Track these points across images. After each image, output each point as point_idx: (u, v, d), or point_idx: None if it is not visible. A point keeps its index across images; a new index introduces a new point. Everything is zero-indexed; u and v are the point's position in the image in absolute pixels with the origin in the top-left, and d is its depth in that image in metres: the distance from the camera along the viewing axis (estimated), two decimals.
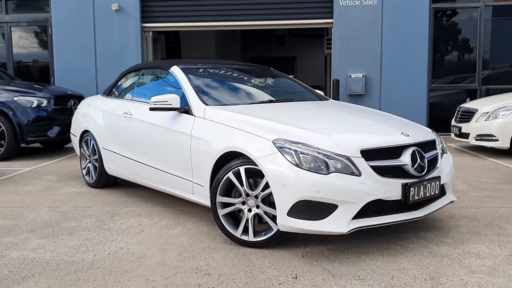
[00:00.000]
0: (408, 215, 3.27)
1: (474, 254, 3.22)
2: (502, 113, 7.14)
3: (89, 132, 5.34)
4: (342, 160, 3.08)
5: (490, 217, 4.08)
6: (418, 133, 3.62)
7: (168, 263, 3.12)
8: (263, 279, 2.85)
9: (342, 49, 10.19)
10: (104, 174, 5.17)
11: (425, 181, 3.29)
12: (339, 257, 3.18)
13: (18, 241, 3.59)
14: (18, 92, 7.39)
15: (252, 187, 3.33)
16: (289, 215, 3.06)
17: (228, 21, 10.55)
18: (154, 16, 10.53)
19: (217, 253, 3.28)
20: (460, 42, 10.63)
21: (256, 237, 3.33)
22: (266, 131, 3.32)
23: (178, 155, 3.94)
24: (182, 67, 4.45)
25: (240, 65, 5.13)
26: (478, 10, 10.29)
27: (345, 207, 3.02)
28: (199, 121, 3.81)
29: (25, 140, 7.33)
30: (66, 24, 10.41)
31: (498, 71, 10.63)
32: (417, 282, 2.78)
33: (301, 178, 3.02)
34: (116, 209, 4.46)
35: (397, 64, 10.02)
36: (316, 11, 10.37)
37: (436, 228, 3.79)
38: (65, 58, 10.48)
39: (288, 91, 4.91)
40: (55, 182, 5.71)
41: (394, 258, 3.17)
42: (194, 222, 4.03)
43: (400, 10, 9.95)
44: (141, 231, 3.80)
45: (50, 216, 4.24)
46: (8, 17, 10.91)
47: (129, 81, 5.26)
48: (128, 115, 4.67)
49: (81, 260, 3.19)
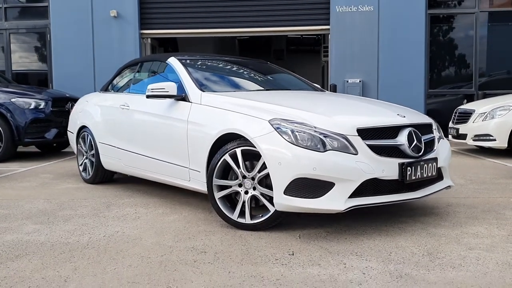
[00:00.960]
0: (405, 196, 3.25)
1: (472, 234, 3.20)
2: (499, 113, 7.16)
3: (86, 128, 5.33)
4: (338, 138, 3.08)
5: (488, 205, 4.06)
6: (414, 115, 3.63)
7: (164, 243, 3.09)
8: (260, 256, 2.82)
9: (339, 55, 10.25)
10: (100, 169, 5.15)
11: (422, 162, 3.28)
12: (337, 238, 3.16)
13: (13, 226, 3.56)
14: (16, 94, 7.40)
15: (248, 169, 3.31)
16: (286, 193, 3.04)
17: (226, 27, 10.64)
18: (152, 23, 10.61)
19: (213, 235, 3.26)
20: (456, 48, 10.71)
21: (253, 219, 3.30)
22: (263, 112, 3.32)
23: (174, 142, 3.93)
24: (179, 58, 4.47)
25: (237, 58, 5.15)
26: (473, 16, 10.39)
27: (342, 185, 3.00)
28: (196, 106, 3.82)
29: (22, 141, 7.31)
30: (64, 31, 10.48)
31: (494, 78, 10.69)
32: (415, 257, 2.75)
33: (297, 156, 3.01)
34: (112, 201, 4.44)
35: (394, 69, 10.08)
36: (313, 17, 10.47)
37: (433, 214, 3.77)
38: (63, 64, 10.53)
39: (286, 82, 4.93)
40: (52, 179, 5.69)
41: (392, 238, 3.14)
42: (191, 210, 4.00)
43: (397, 16, 10.05)
44: (137, 218, 3.77)
45: (45, 206, 4.22)
46: (7, 24, 10.98)
47: (127, 75, 5.28)
48: (125, 106, 4.68)
49: (76, 242, 3.15)
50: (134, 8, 10.37)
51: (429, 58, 10.37)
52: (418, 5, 10.06)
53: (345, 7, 10.13)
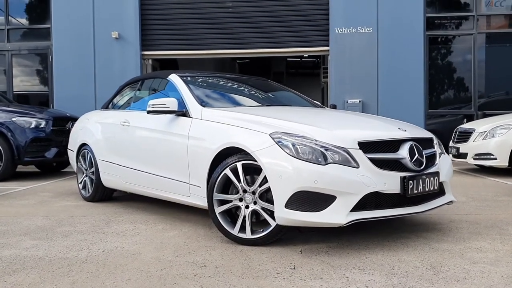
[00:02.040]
0: (407, 210, 3.22)
1: (476, 249, 3.16)
2: (499, 132, 7.16)
3: (87, 145, 5.32)
4: (339, 151, 3.06)
5: (491, 221, 4.02)
6: (415, 130, 3.63)
7: (164, 258, 3.05)
8: (261, 270, 2.78)
9: (338, 75, 10.32)
10: (100, 186, 5.12)
11: (424, 175, 3.26)
12: (339, 252, 3.12)
13: (11, 242, 3.52)
14: (17, 113, 7.41)
15: (249, 183, 3.29)
16: (287, 207, 3.01)
17: (227, 49, 10.73)
18: (153, 44, 10.71)
19: (214, 250, 3.22)
20: (455, 70, 10.80)
21: (254, 234, 3.27)
22: (263, 125, 3.31)
23: (175, 158, 3.91)
24: (180, 75, 4.48)
25: (237, 75, 5.18)
26: (471, 38, 10.49)
27: (343, 198, 2.98)
28: (196, 121, 3.81)
29: (22, 160, 7.29)
30: (66, 52, 10.57)
31: (493, 99, 10.74)
32: (419, 271, 2.71)
33: (298, 169, 2.99)
34: (112, 217, 4.40)
35: (393, 89, 10.14)
36: (312, 39, 10.57)
37: (436, 229, 3.74)
38: (64, 85, 10.59)
39: (286, 99, 4.93)
40: (51, 197, 5.65)
41: (394, 252, 3.10)
42: (191, 226, 3.96)
43: (395, 37, 10.15)
44: (137, 234, 3.73)
45: (44, 223, 4.18)
46: (10, 45, 11.08)
47: (128, 93, 5.30)
48: (126, 123, 4.68)
49: (74, 257, 3.11)
50: (136, 30, 10.48)
51: (428, 78, 10.44)
52: (417, 27, 10.17)
53: (344, 28, 10.24)
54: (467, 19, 10.62)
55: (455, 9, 10.74)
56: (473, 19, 10.51)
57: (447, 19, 10.69)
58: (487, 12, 10.60)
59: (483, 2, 10.57)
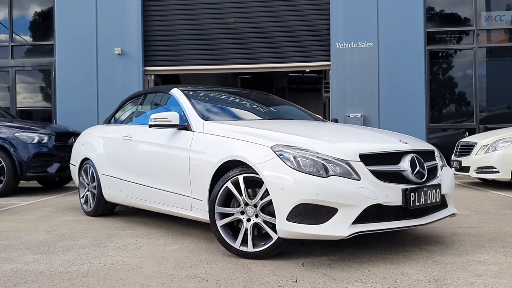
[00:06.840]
0: (409, 222, 3.21)
1: (479, 262, 3.14)
2: (501, 145, 7.16)
3: (89, 160, 5.34)
4: (341, 164, 3.07)
5: (494, 234, 4.00)
6: (416, 142, 3.63)
7: (165, 272, 3.04)
8: (262, 283, 2.76)
9: (340, 90, 10.36)
10: (102, 201, 5.12)
11: (426, 188, 3.26)
12: (341, 265, 3.10)
13: (12, 256, 3.51)
14: (20, 128, 7.44)
15: (250, 196, 3.29)
16: (289, 219, 3.01)
17: (228, 64, 10.80)
18: (156, 60, 10.79)
19: (215, 264, 3.20)
20: (456, 84, 10.83)
21: (255, 247, 3.25)
22: (264, 138, 3.32)
23: (176, 171, 3.92)
24: (182, 89, 4.51)
25: (239, 89, 5.21)
26: (472, 52, 10.54)
27: (345, 210, 2.97)
28: (198, 135, 3.83)
29: (25, 176, 7.30)
30: (69, 68, 10.65)
31: (495, 113, 10.75)
32: (421, 284, 2.69)
33: (300, 181, 2.99)
34: (113, 232, 4.39)
35: (394, 103, 10.16)
36: (314, 54, 10.64)
37: (439, 242, 3.72)
38: (67, 101, 10.65)
39: (287, 113, 4.95)
40: (52, 212, 5.65)
41: (397, 265, 3.08)
42: (192, 240, 3.95)
43: (396, 52, 10.21)
44: (138, 248, 3.72)
45: (46, 238, 4.17)
46: (13, 61, 11.18)
47: (130, 108, 5.32)
48: (128, 137, 4.69)
49: (75, 270, 3.10)
50: (138, 46, 10.57)
51: (430, 92, 10.47)
52: (417, 41, 10.23)
53: (345, 43, 10.31)
54: (467, 33, 10.69)
55: (455, 24, 10.81)
56: (473, 34, 10.57)
57: (448, 34, 10.75)
58: (487, 26, 10.66)
59: (483, 17, 10.64)
